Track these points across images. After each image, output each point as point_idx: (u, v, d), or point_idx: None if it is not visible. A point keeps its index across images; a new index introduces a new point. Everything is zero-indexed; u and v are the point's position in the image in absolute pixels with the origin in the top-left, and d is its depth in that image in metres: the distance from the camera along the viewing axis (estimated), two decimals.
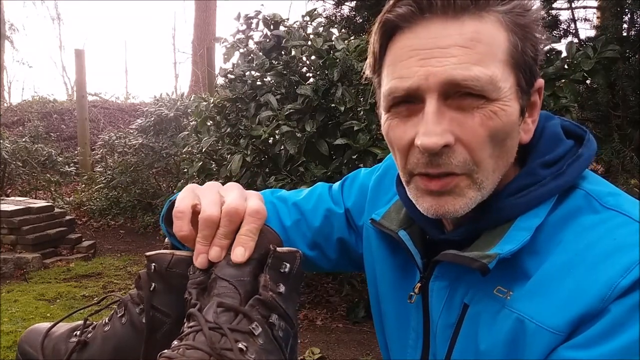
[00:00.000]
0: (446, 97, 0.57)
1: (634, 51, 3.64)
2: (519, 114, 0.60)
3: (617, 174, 3.35)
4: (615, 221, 0.57)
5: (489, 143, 0.58)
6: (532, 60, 0.60)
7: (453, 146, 0.57)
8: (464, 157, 0.58)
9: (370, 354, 3.34)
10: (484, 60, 0.56)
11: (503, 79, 0.57)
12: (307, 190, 0.92)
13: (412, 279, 0.72)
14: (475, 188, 0.59)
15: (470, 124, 0.57)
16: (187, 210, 0.60)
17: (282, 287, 0.56)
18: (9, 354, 3.27)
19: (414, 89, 0.58)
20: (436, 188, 0.59)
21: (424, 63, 0.57)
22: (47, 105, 11.56)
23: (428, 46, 0.57)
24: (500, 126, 0.57)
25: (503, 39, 0.57)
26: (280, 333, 0.53)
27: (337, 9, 5.21)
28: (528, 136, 0.63)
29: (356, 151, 3.26)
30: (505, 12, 0.58)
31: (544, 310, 0.55)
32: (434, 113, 0.56)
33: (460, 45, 0.56)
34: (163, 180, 7.55)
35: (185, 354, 0.48)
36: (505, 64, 0.58)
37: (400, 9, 0.58)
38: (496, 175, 0.60)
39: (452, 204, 0.59)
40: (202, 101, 4.09)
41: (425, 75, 0.57)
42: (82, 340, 0.67)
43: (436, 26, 0.57)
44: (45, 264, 5.34)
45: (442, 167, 0.58)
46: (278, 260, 0.57)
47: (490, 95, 0.57)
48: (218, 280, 0.55)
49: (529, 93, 0.61)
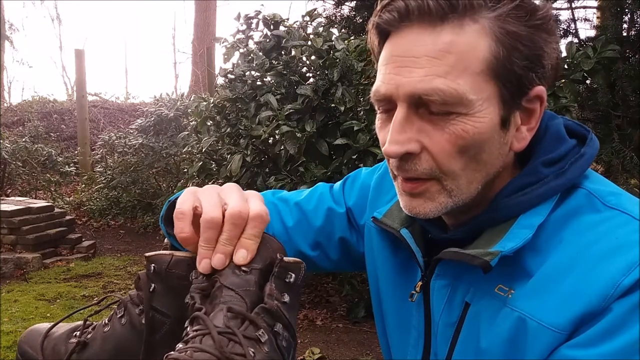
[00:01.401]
0: (417, 107, 0.58)
1: (634, 51, 3.64)
2: (499, 125, 0.58)
3: (617, 174, 3.35)
4: (616, 220, 0.57)
5: (459, 157, 0.58)
6: (522, 69, 0.57)
7: (419, 154, 0.59)
8: (429, 164, 0.59)
9: (370, 354, 3.34)
10: (451, 72, 0.55)
11: (476, 90, 0.56)
12: (308, 191, 0.92)
13: (413, 278, 0.72)
14: (445, 194, 0.60)
15: (437, 137, 0.58)
16: (189, 212, 0.59)
17: (286, 296, 0.55)
18: (9, 354, 3.27)
19: (388, 95, 0.60)
20: (407, 190, 0.62)
21: (397, 71, 0.58)
22: (47, 105, 11.56)
23: (404, 54, 0.58)
24: (469, 142, 0.57)
25: (482, 48, 0.56)
26: (284, 343, 0.53)
27: (337, 9, 5.21)
28: (522, 144, 0.62)
29: (356, 151, 3.26)
30: (496, 18, 0.56)
31: (545, 308, 0.55)
32: (399, 122, 0.58)
33: (430, 56, 0.56)
34: (163, 180, 7.55)
35: (194, 356, 0.47)
36: (482, 74, 0.56)
37: (384, 14, 0.60)
38: (473, 185, 0.61)
39: (423, 206, 0.62)
40: (202, 101, 4.09)
41: (395, 85, 0.58)
42: (82, 341, 0.67)
43: (413, 35, 0.57)
44: (45, 264, 5.34)
45: (408, 172, 0.60)
46: (284, 269, 0.57)
47: (458, 109, 0.56)
48: (224, 289, 0.54)
49: (516, 103, 0.59)
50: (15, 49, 19.73)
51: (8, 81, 16.83)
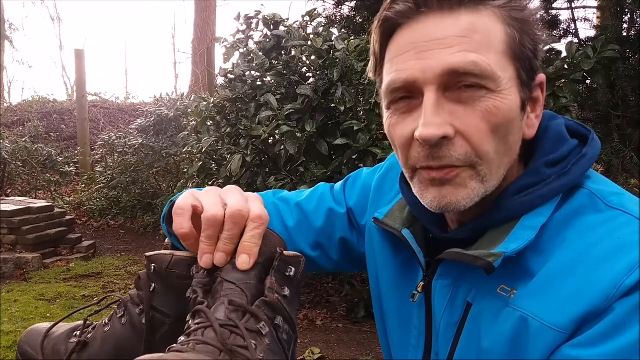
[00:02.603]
0: (445, 90, 0.57)
1: (634, 51, 3.64)
2: (520, 107, 0.60)
3: (617, 174, 3.35)
4: (619, 220, 0.57)
5: (492, 137, 0.58)
6: (531, 54, 0.60)
7: (453, 139, 0.57)
8: (465, 149, 0.57)
9: (370, 354, 3.34)
10: (480, 49, 0.56)
11: (501, 68, 0.57)
12: (309, 191, 0.91)
13: (414, 278, 0.72)
14: (478, 180, 0.59)
15: (471, 117, 0.57)
16: (188, 208, 0.59)
17: (286, 290, 0.56)
18: (9, 354, 3.27)
19: (411, 81, 0.58)
20: (438, 176, 0.58)
21: (421, 56, 0.57)
22: (47, 105, 11.56)
23: (425, 39, 0.57)
24: (502, 120, 0.57)
25: (500, 30, 0.58)
26: (285, 336, 0.54)
27: (337, 9, 5.21)
28: (532, 132, 0.63)
29: (356, 151, 3.26)
30: (501, 7, 0.59)
31: (547, 308, 0.55)
32: (433, 105, 0.56)
33: (457, 35, 0.56)
34: (163, 180, 7.55)
35: (196, 348, 0.48)
36: (503, 54, 0.58)
37: (398, 5, 0.59)
38: (501, 171, 0.60)
39: (455, 194, 0.59)
40: (202, 101, 4.09)
41: (422, 69, 0.57)
42: (82, 341, 0.67)
43: (433, 20, 0.58)
44: (45, 264, 5.33)
45: (442, 160, 0.57)
46: (284, 263, 0.57)
47: (489, 85, 0.57)
48: (225, 283, 0.55)
49: (530, 87, 0.61)
50: (15, 49, 19.73)
51: (8, 81, 16.83)
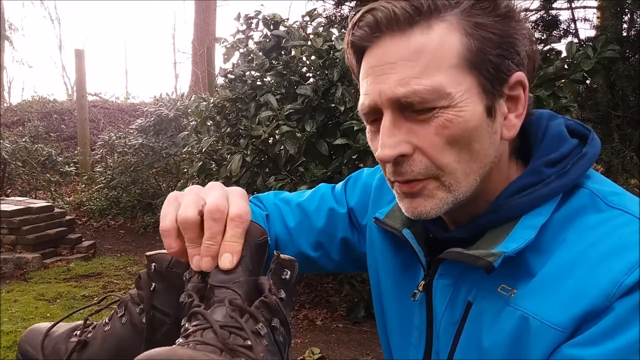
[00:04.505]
0: (402, 110, 0.59)
1: (634, 51, 3.64)
2: (485, 114, 0.59)
3: (617, 174, 3.35)
4: (619, 220, 0.57)
5: (450, 149, 0.59)
6: (497, 58, 0.59)
7: (412, 155, 0.60)
8: (424, 163, 0.60)
9: (370, 354, 3.34)
10: (426, 70, 0.57)
11: (453, 83, 0.58)
12: (310, 192, 0.92)
13: (415, 278, 0.72)
14: (444, 190, 0.61)
15: (425, 133, 0.59)
16: (172, 227, 0.57)
17: (282, 293, 0.56)
18: (9, 354, 3.27)
19: (372, 105, 0.61)
20: (407, 190, 0.62)
21: (377, 80, 0.60)
22: (47, 105, 11.56)
23: (380, 63, 0.60)
24: (457, 132, 0.58)
25: (454, 42, 0.58)
26: (281, 338, 0.54)
27: (337, 9, 5.21)
28: (512, 132, 0.62)
29: (356, 151, 3.26)
30: (462, 13, 0.58)
31: (548, 307, 0.55)
32: (387, 127, 0.60)
33: (405, 59, 0.58)
34: (163, 180, 7.55)
35: (197, 348, 0.47)
36: (458, 67, 0.58)
37: (357, 31, 0.62)
38: (471, 177, 0.61)
39: (424, 205, 0.62)
40: (202, 101, 4.09)
41: (378, 93, 0.60)
42: (82, 340, 0.67)
43: (386, 43, 0.60)
44: (45, 264, 5.33)
45: (404, 175, 0.61)
46: (280, 266, 0.58)
47: (440, 104, 0.58)
48: (215, 289, 0.54)
49: (498, 91, 0.60)
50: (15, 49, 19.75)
51: (8, 81, 16.84)
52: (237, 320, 0.50)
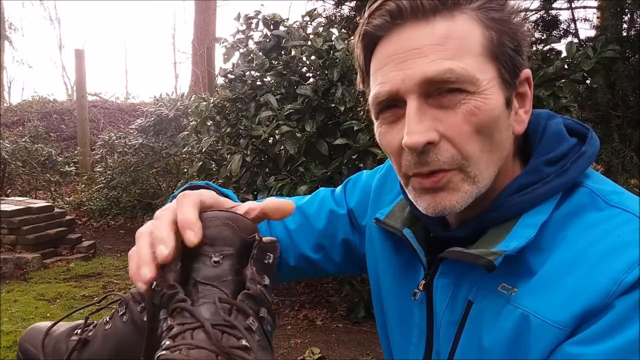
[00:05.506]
0: (427, 96, 0.59)
1: (633, 51, 3.64)
2: (505, 105, 0.60)
3: (617, 174, 3.35)
4: (619, 218, 0.57)
5: (476, 138, 0.59)
6: (512, 52, 0.60)
7: (438, 143, 0.58)
8: (451, 152, 0.59)
9: (370, 354, 3.34)
10: (456, 55, 0.57)
11: (480, 70, 0.58)
12: (309, 196, 0.92)
13: (415, 277, 0.72)
14: (469, 181, 0.60)
15: (453, 120, 0.58)
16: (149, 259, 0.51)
17: (266, 279, 0.53)
18: (9, 354, 3.27)
19: (394, 92, 0.60)
20: (429, 185, 0.60)
21: (400, 67, 0.59)
22: (47, 105, 11.56)
23: (402, 50, 0.59)
24: (484, 120, 0.58)
25: (477, 33, 0.59)
26: (269, 327, 0.51)
27: (337, 9, 5.20)
28: (522, 127, 0.63)
29: (356, 151, 3.26)
30: (478, 8, 0.59)
31: (548, 305, 0.55)
32: (415, 113, 0.58)
33: (432, 44, 0.58)
34: (163, 180, 7.55)
35: (190, 354, 0.43)
36: (482, 56, 0.59)
37: (375, 20, 0.61)
38: (491, 169, 0.61)
39: (449, 199, 0.60)
40: (202, 101, 4.09)
41: (402, 79, 0.59)
42: (83, 339, 0.67)
43: (409, 31, 0.59)
44: (45, 264, 5.33)
45: (430, 165, 0.59)
46: (262, 251, 0.54)
47: (468, 88, 0.57)
48: (199, 285, 0.49)
49: (514, 84, 0.61)
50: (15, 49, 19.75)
51: (8, 81, 16.81)
52: (230, 321, 0.46)
